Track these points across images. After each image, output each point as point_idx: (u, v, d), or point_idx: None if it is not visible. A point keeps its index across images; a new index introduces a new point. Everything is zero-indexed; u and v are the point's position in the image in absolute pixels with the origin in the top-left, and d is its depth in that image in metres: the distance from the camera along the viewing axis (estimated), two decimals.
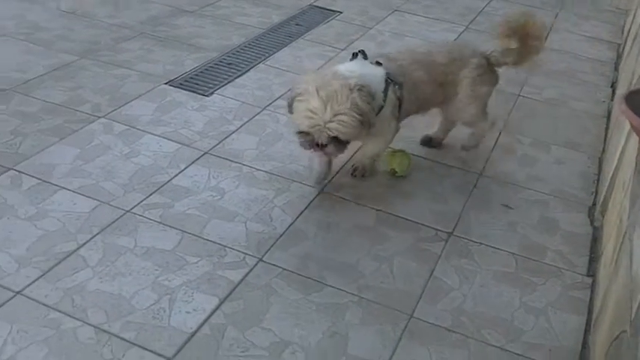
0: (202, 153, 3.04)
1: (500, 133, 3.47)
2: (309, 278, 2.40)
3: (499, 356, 2.18)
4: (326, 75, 2.62)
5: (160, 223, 2.58)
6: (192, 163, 2.96)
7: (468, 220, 2.80)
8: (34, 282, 2.25)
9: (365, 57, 2.80)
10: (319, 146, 2.58)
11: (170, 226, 2.57)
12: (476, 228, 2.76)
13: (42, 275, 2.28)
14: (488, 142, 3.35)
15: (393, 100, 2.75)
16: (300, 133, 2.60)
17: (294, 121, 2.61)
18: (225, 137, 3.18)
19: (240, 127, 3.29)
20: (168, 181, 2.82)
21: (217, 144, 3.12)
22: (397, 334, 2.22)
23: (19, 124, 3.10)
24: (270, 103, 3.52)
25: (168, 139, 3.11)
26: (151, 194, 2.73)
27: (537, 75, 4.19)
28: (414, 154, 3.12)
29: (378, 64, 2.77)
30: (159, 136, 3.13)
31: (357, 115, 2.51)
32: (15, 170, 2.78)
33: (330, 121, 2.50)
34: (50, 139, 3.01)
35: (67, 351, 2.02)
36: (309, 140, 2.59)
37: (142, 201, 2.69)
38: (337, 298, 2.34)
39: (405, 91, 2.79)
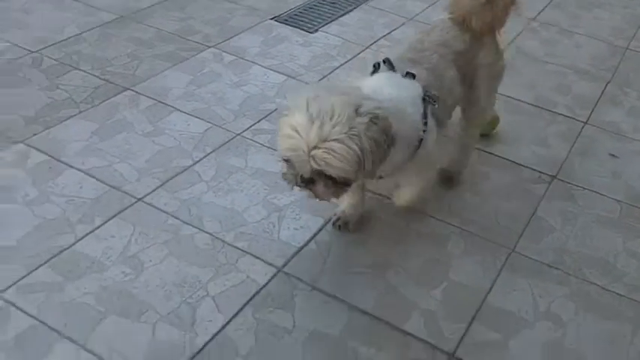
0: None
1: (607, 84, 3.40)
2: (411, 208, 2.45)
3: (601, 294, 2.19)
4: (335, 88, 1.93)
5: (268, 147, 2.66)
6: None
7: (572, 166, 2.78)
8: (153, 191, 2.38)
9: (392, 67, 2.08)
10: (304, 182, 1.85)
11: None
12: (580, 174, 2.74)
13: (161, 185, 2.41)
14: (594, 92, 3.30)
15: (434, 127, 2.09)
16: (285, 161, 1.86)
17: (279, 142, 1.86)
18: (330, 72, 3.23)
19: (344, 63, 3.33)
20: (276, 110, 2.90)
21: (322, 78, 3.18)
22: (498, 266, 2.26)
23: (135, 48, 3.23)
24: (373, 42, 3.55)
25: (275, 71, 3.18)
26: (259, 120, 2.82)
27: None
28: (518, 100, 3.10)
29: (410, 75, 2.05)
30: (266, 67, 3.21)
31: (355, 149, 1.74)
32: (132, 90, 2.91)
33: (316, 147, 1.74)
34: (164, 64, 3.13)
35: (186, 254, 2.14)
36: (294, 174, 1.85)
37: (251, 126, 2.78)
38: (439, 228, 2.38)
39: (440, 105, 2.10)
